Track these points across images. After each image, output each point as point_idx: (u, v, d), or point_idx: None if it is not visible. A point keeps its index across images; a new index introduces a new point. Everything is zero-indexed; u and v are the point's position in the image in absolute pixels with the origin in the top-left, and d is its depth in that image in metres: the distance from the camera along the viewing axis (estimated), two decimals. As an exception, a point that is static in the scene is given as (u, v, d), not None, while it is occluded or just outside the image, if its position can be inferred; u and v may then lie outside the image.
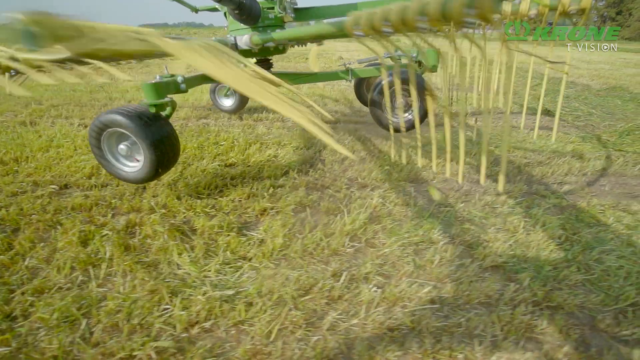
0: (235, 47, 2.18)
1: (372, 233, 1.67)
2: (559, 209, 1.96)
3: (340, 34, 1.44)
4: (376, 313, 1.23)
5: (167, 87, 1.84)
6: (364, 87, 3.49)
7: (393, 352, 1.08)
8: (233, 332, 1.17)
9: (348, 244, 1.58)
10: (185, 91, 2.00)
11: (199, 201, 1.88)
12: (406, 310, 1.25)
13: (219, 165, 2.33)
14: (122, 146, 1.75)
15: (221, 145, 2.72)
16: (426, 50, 2.41)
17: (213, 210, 1.81)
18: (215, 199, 1.93)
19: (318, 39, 2.11)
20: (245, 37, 2.11)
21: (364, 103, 3.50)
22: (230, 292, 1.31)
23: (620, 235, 1.73)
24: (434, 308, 1.27)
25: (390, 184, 2.15)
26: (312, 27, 1.72)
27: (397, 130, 2.37)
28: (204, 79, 2.30)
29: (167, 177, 2.13)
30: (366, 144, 2.82)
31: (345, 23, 1.23)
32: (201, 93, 4.67)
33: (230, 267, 1.46)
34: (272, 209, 1.84)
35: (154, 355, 1.04)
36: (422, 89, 2.18)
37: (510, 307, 1.26)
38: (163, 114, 1.79)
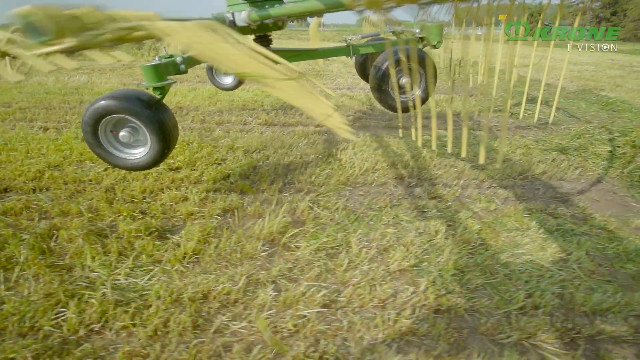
0: (233, 24, 2.06)
1: (291, 237, 1.71)
2: (486, 212, 1.99)
3: (340, 8, 1.43)
4: (266, 316, 1.26)
5: (166, 68, 1.76)
6: (367, 62, 3.20)
7: (265, 355, 1.12)
8: (124, 334, 1.21)
9: (262, 248, 1.62)
10: (185, 72, 1.91)
11: (130, 205, 1.91)
12: (297, 313, 1.28)
13: (163, 168, 2.37)
14: (123, 133, 1.66)
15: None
16: (430, 26, 2.33)
17: (140, 214, 1.84)
18: (148, 202, 1.97)
19: (317, 14, 2.01)
20: (243, 13, 2.02)
21: (367, 80, 3.20)
22: (131, 294, 1.34)
23: (537, 239, 1.76)
24: (325, 311, 1.30)
25: (327, 188, 2.19)
26: (311, 1, 1.68)
27: (405, 110, 2.22)
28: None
29: (107, 181, 2.16)
30: (317, 148, 2.85)
31: None
32: (174, 95, 4.71)
33: (142, 270, 1.49)
34: (199, 212, 1.87)
35: (30, 358, 1.08)
36: (427, 66, 2.15)
37: (398, 310, 1.30)
38: (158, 96, 1.71)
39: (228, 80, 3.39)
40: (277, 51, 2.38)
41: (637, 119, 3.42)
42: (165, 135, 1.61)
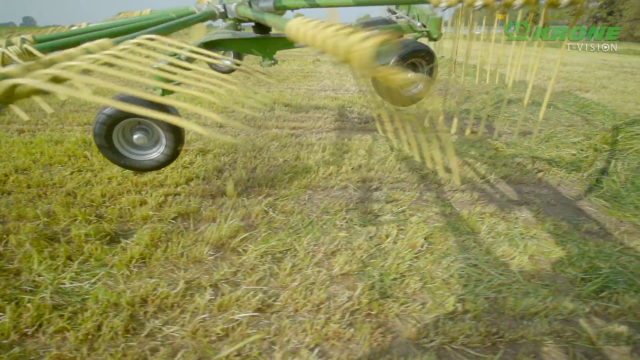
0: (224, 15, 2.08)
1: (241, 241, 1.73)
2: (440, 216, 2.02)
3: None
4: (199, 320, 1.29)
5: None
6: None
7: (189, 358, 1.14)
8: (58, 337, 1.24)
9: (209, 252, 1.64)
10: (189, 69, 1.89)
11: (88, 209, 1.94)
12: (230, 317, 1.31)
13: (129, 172, 2.39)
14: (137, 135, 1.68)
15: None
16: (429, 20, 2.25)
17: (96, 218, 1.87)
18: (107, 206, 2.00)
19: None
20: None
21: None
22: (73, 298, 1.37)
23: (484, 243, 1.79)
24: (259, 316, 1.33)
25: (288, 192, 2.21)
26: None
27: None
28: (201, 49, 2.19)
29: (70, 185, 2.19)
30: (286, 151, 2.87)
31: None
32: (156, 97, 4.72)
33: (89, 274, 1.52)
34: (154, 216, 1.90)
35: (-44, 361, 1.11)
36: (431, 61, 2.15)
37: (329, 315, 1.32)
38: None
39: (226, 62, 3.33)
40: (278, 37, 2.34)
41: (609, 121, 3.44)
42: (179, 132, 1.66)
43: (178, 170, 2.44)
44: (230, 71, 3.44)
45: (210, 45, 2.33)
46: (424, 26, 2.39)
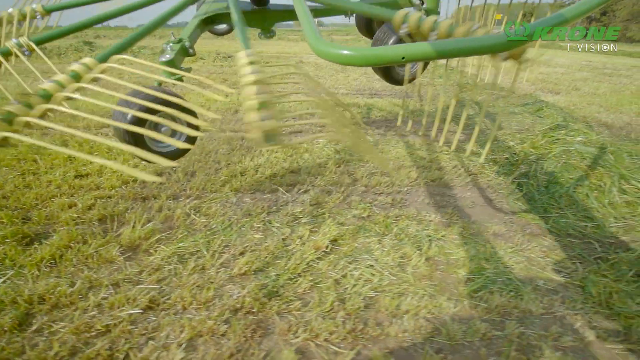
0: None
1: (154, 242, 1.82)
2: (357, 218, 2.10)
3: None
4: (88, 317, 1.37)
5: (179, 57, 1.76)
6: (372, 22, 2.79)
7: (64, 350, 1.23)
8: (-49, 334, 1.32)
9: (117, 253, 1.73)
10: (194, 54, 1.87)
11: (17, 212, 2.03)
12: (118, 314, 1.39)
13: (69, 176, 2.47)
14: (164, 129, 1.65)
15: (96, 154, 2.86)
16: None
17: (22, 220, 1.95)
18: (38, 209, 2.08)
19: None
20: None
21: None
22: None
23: (389, 244, 1.86)
24: (146, 313, 1.42)
25: (217, 195, 2.30)
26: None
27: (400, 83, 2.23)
28: (199, 28, 2.13)
29: (8, 188, 2.28)
30: (233, 155, 2.96)
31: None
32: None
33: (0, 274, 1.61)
34: (78, 219, 1.98)
35: None
36: None
37: (210, 312, 1.41)
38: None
39: (222, 25, 3.12)
40: (276, 10, 2.34)
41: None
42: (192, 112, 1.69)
43: (117, 175, 2.52)
44: (227, 32, 3.35)
45: (209, 21, 2.26)
46: (422, 2, 2.39)
